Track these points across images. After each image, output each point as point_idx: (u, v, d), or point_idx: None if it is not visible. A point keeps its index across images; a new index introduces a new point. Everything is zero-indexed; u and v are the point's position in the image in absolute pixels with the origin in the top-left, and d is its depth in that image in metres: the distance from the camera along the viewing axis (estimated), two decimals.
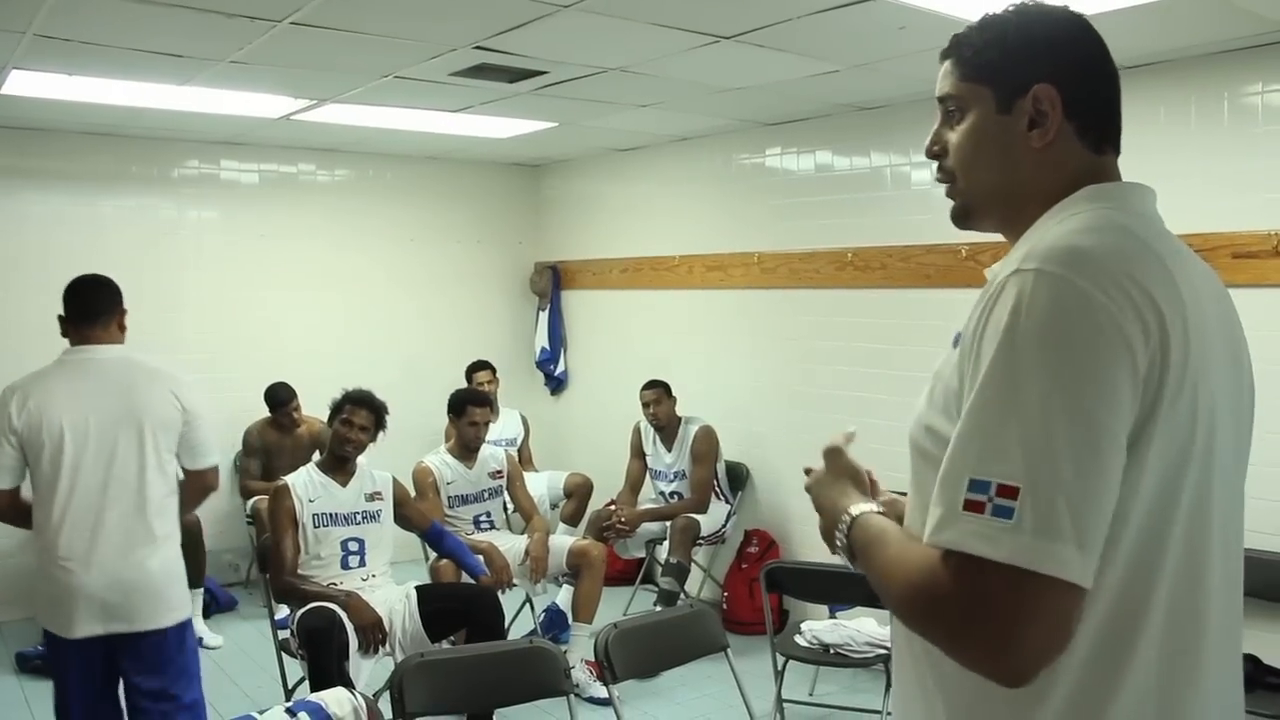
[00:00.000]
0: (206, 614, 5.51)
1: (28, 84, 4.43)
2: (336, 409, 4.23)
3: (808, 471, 1.41)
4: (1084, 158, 1.24)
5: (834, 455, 1.38)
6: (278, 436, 5.94)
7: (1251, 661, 3.53)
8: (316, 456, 4.92)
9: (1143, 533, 1.07)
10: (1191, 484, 1.10)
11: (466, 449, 5.05)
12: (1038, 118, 1.23)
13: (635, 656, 3.15)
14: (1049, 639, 1.00)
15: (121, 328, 3.26)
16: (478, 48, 3.84)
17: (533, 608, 5.09)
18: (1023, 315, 1.04)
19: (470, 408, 5.04)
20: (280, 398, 5.90)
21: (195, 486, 3.29)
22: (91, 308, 3.17)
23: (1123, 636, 1.08)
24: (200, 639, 5.22)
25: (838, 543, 1.27)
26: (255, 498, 5.63)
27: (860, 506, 1.27)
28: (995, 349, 1.05)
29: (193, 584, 5.30)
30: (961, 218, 1.34)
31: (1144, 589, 1.08)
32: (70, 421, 3.02)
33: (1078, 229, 1.13)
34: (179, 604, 3.17)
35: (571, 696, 3.05)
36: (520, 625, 5.08)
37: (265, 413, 5.96)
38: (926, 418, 1.18)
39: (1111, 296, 1.03)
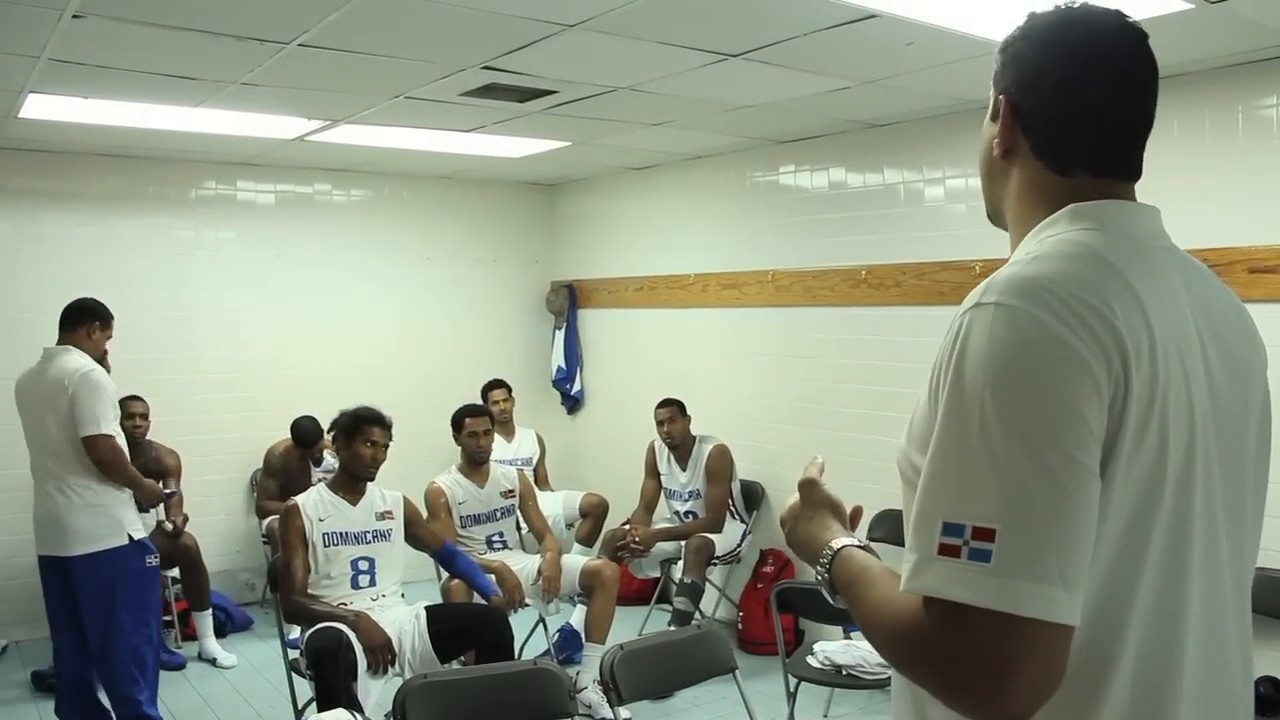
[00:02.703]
0: (221, 633, 5.54)
1: (44, 107, 4.48)
2: (353, 430, 4.20)
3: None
4: (1044, 177, 1.21)
5: (810, 487, 1.35)
6: (299, 463, 5.95)
7: (1271, 683, 3.46)
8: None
9: (1113, 564, 1.04)
10: (1166, 512, 1.07)
11: (473, 462, 5.04)
12: (1000, 127, 1.24)
13: (642, 677, 3.12)
14: (1042, 681, 0.97)
15: (89, 338, 4.16)
16: (486, 68, 3.85)
17: (546, 628, 5.07)
18: (982, 351, 1.02)
19: (467, 420, 5.05)
20: (309, 438, 5.91)
21: (90, 455, 4.03)
22: (63, 321, 4.18)
23: (1095, 668, 1.05)
24: (214, 659, 5.28)
25: (818, 577, 1.25)
26: (270, 517, 5.64)
27: (841, 540, 1.24)
28: (959, 387, 1.03)
29: (198, 606, 5.36)
30: (988, 216, 1.36)
31: (1115, 625, 1.05)
32: (24, 398, 4.12)
33: (1042, 255, 1.11)
34: (85, 540, 4.00)
35: (577, 718, 3.03)
36: (534, 645, 5.06)
37: (285, 433, 5.98)
38: (906, 448, 1.16)
39: (1071, 327, 1.01)
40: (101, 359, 4.17)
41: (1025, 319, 1.01)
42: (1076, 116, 1.19)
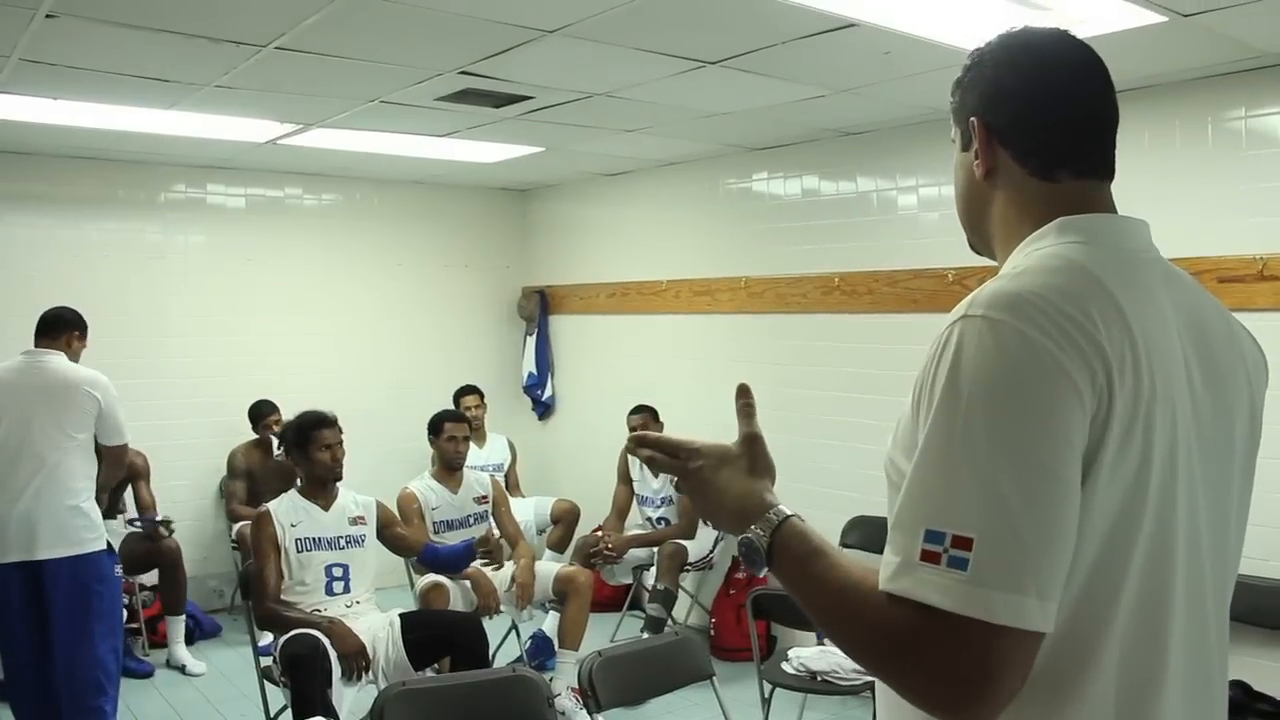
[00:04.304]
0: (190, 640, 5.46)
1: (12, 108, 4.41)
2: (304, 440, 4.16)
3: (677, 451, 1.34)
4: (1032, 184, 1.23)
5: (756, 442, 1.31)
6: (262, 459, 5.90)
7: (1241, 688, 3.50)
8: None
9: (1095, 570, 1.06)
10: (1149, 520, 1.08)
11: (449, 468, 5.03)
12: (978, 149, 1.26)
13: (620, 685, 3.11)
14: (1012, 683, 1.00)
15: (69, 346, 4.15)
16: (463, 73, 3.84)
17: (519, 634, 5.05)
18: (968, 363, 1.03)
19: (447, 424, 5.06)
20: (259, 411, 5.91)
21: (110, 459, 4.17)
22: (44, 327, 4.14)
23: (1077, 670, 1.07)
24: (182, 666, 5.22)
25: (751, 537, 1.18)
26: (240, 523, 5.58)
27: (784, 506, 1.20)
28: (943, 397, 1.04)
29: (173, 610, 5.31)
30: (970, 245, 1.38)
31: (1096, 628, 1.07)
32: (5, 394, 3.97)
33: (1028, 269, 1.13)
34: (68, 542, 3.94)
35: None
36: (506, 652, 5.04)
37: (251, 435, 5.93)
38: (892, 452, 1.17)
39: (1056, 341, 1.03)
40: None
41: (1010, 333, 1.03)
42: (1050, 115, 1.22)
